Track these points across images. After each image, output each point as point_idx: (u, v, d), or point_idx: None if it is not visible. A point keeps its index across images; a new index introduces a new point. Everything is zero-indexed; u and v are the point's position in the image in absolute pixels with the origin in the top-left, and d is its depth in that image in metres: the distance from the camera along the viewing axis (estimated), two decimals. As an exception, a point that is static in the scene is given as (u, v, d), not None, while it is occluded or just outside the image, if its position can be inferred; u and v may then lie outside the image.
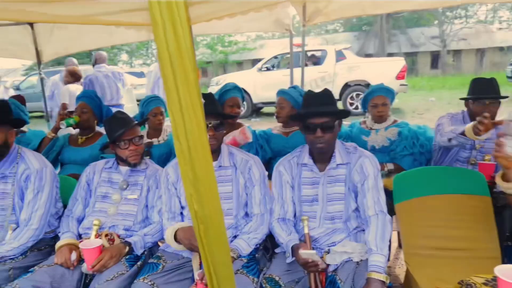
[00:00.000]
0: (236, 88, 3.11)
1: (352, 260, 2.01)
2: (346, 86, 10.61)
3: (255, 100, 11.23)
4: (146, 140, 3.17)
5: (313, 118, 2.04)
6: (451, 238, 2.27)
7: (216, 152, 2.29)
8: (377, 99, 3.19)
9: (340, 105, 11.01)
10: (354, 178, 2.10)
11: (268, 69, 11.40)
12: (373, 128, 3.24)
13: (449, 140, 2.54)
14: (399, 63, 10.58)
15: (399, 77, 10.27)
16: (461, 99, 2.87)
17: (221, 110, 2.42)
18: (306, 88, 10.79)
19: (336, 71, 10.65)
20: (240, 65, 26.45)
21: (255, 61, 19.84)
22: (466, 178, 2.38)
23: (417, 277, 2.10)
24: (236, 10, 1.62)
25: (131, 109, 7.86)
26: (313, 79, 10.76)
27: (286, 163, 2.23)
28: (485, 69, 22.73)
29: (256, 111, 11.73)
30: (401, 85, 10.37)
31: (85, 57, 19.11)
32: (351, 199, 2.11)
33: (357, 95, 10.52)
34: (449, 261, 2.18)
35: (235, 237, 2.22)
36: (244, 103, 11.35)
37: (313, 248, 2.10)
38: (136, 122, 2.49)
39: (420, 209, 2.33)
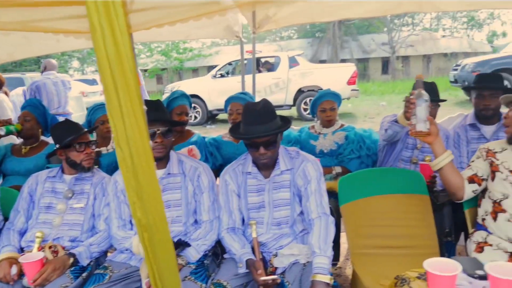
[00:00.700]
0: (184, 95, 3.10)
1: (299, 262, 2.06)
2: (300, 91, 10.81)
3: (210, 107, 11.22)
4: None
5: (255, 138, 2.04)
6: (393, 236, 2.37)
7: (164, 159, 2.27)
8: (325, 103, 3.28)
9: (294, 110, 11.21)
10: (298, 183, 2.15)
11: (222, 75, 11.43)
12: (321, 133, 3.32)
13: (386, 130, 2.67)
14: (350, 69, 10.91)
15: (350, 82, 10.58)
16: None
17: (169, 117, 2.41)
18: (259, 95, 10.90)
19: (289, 77, 10.84)
20: (195, 71, 26.31)
21: (210, 68, 19.80)
22: (406, 178, 2.49)
23: (362, 275, 2.18)
24: (176, 18, 1.63)
25: (80, 117, 7.65)
26: (268, 85, 10.90)
27: (231, 172, 2.25)
28: (432, 74, 23.81)
29: (211, 118, 11.71)
30: (352, 90, 10.69)
31: (33, 64, 18.41)
32: (296, 203, 2.16)
33: (311, 100, 10.71)
34: (392, 258, 2.28)
35: None
36: (199, 110, 11.35)
37: (261, 253, 2.13)
38: (86, 130, 2.45)
39: (364, 210, 2.41)
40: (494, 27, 32.91)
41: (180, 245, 2.15)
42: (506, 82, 10.44)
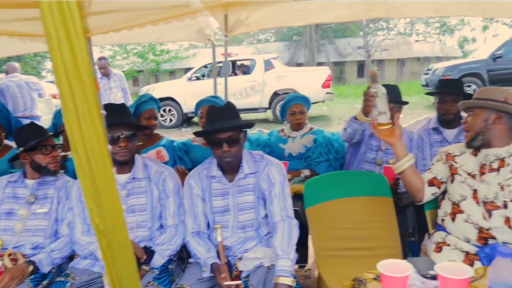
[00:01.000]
0: (152, 99, 3.09)
1: (263, 265, 2.07)
2: (275, 94, 10.87)
3: (185, 109, 11.16)
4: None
5: (218, 133, 2.06)
6: (357, 238, 2.42)
7: (129, 164, 2.26)
8: (294, 107, 3.32)
9: (270, 113, 11.26)
10: (262, 186, 2.16)
11: (198, 78, 11.39)
12: (290, 136, 3.36)
13: (345, 130, 2.73)
14: (325, 72, 11.03)
15: (325, 85, 10.70)
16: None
17: (134, 121, 2.40)
18: (235, 97, 10.88)
19: (265, 80, 10.89)
20: (172, 74, 26.12)
21: (187, 70, 19.69)
22: (370, 181, 2.54)
23: (326, 277, 2.21)
24: (140, 21, 1.62)
25: (49, 121, 7.51)
26: (243, 88, 10.93)
27: (196, 176, 2.25)
28: (405, 77, 24.26)
29: (186, 120, 11.65)
30: (327, 93, 10.82)
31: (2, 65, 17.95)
32: (260, 207, 2.17)
33: (282, 103, 10.82)
34: (356, 260, 2.31)
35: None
36: (174, 112, 11.28)
37: (227, 256, 2.14)
38: (51, 134, 2.41)
39: (329, 212, 2.45)
40: (465, 33, 33.80)
41: (148, 252, 2.14)
42: (474, 86, 10.81)
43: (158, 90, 11.41)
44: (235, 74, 11.60)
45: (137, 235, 2.21)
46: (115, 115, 2.17)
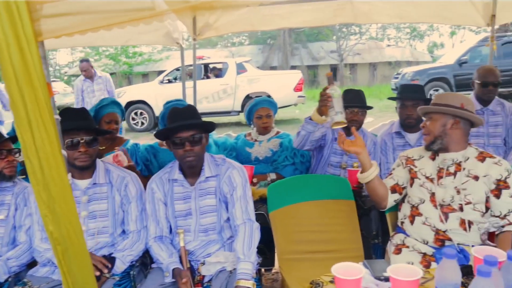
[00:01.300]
0: (113, 103, 3.04)
1: (226, 269, 2.08)
2: (248, 98, 10.87)
3: (157, 112, 11.03)
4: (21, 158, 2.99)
5: (181, 133, 2.06)
6: (320, 241, 2.44)
7: (90, 169, 2.23)
8: (261, 110, 3.33)
9: (242, 116, 11.26)
10: (224, 189, 2.17)
11: (170, 81, 11.30)
12: (257, 140, 3.37)
13: (298, 134, 2.74)
14: (296, 76, 11.12)
15: (297, 89, 10.79)
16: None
17: (95, 126, 2.36)
18: (207, 100, 10.78)
19: (237, 83, 10.89)
20: (145, 76, 25.81)
21: (160, 73, 19.54)
22: (333, 184, 2.57)
23: (289, 280, 2.23)
24: (87, 27, 1.59)
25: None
26: (216, 92, 10.91)
27: (158, 180, 2.24)
28: (377, 81, 24.71)
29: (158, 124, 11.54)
30: (299, 96, 10.91)
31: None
32: (222, 210, 2.18)
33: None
34: (318, 263, 2.33)
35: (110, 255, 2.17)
36: (146, 116, 11.15)
37: (189, 261, 2.13)
38: (6, 137, 2.35)
39: (292, 216, 2.47)
40: (434, 38, 34.73)
41: (110, 260, 2.11)
42: (441, 90, 11.11)
43: (129, 93, 11.27)
44: (208, 77, 11.57)
45: (99, 241, 2.18)
46: (75, 119, 2.14)
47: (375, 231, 2.74)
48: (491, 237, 1.94)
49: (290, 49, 26.59)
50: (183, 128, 2.06)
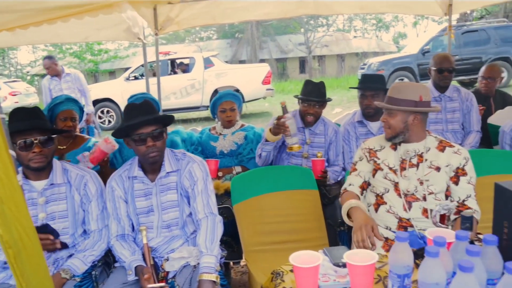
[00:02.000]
0: (68, 100, 2.95)
1: (189, 264, 2.06)
2: (216, 92, 10.82)
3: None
4: None
5: (141, 129, 2.02)
6: (285, 232, 2.46)
7: (46, 169, 2.16)
8: (225, 104, 3.32)
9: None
10: (185, 184, 2.15)
11: (136, 78, 11.11)
12: (221, 133, 3.35)
13: (260, 156, 2.88)
14: (264, 69, 11.13)
15: (265, 82, 10.80)
16: (295, 96, 3.13)
17: (49, 125, 2.28)
18: (175, 96, 10.65)
19: (205, 78, 10.81)
20: (112, 74, 25.31)
21: (128, 70, 19.24)
22: (296, 174, 2.59)
23: (254, 272, 2.23)
24: (28, 21, 1.54)
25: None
26: (183, 87, 10.80)
27: (118, 178, 2.19)
28: (345, 72, 25.04)
29: (127, 121, 11.33)
30: (267, 89, 10.93)
31: None
32: (184, 205, 2.16)
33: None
34: (284, 253, 2.31)
35: (71, 256, 2.12)
36: (113, 114, 10.94)
37: (153, 258, 2.11)
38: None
39: (257, 208, 2.47)
40: (399, 29, 35.43)
41: (48, 231, 2.05)
42: (406, 80, 11.36)
43: (94, 91, 10.97)
44: (175, 73, 11.44)
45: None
46: (27, 119, 2.06)
47: (340, 218, 2.77)
48: (442, 219, 1.99)
49: (259, 42, 26.60)
50: (143, 124, 2.02)
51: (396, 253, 1.25)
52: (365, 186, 2.23)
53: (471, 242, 1.35)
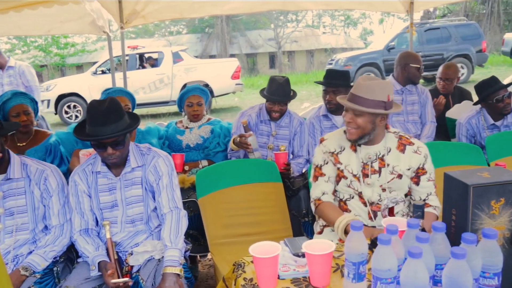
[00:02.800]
0: (16, 94, 2.82)
1: (154, 258, 2.06)
2: (185, 87, 10.73)
3: (91, 105, 10.65)
4: None
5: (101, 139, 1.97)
6: (249, 224, 2.49)
7: (4, 164, 2.11)
8: (192, 98, 3.31)
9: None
10: (150, 179, 2.14)
11: (103, 72, 10.89)
12: (188, 127, 3.35)
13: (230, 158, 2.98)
14: (233, 64, 11.12)
15: (234, 77, 10.80)
16: (260, 93, 3.14)
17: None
18: (144, 91, 10.47)
19: (174, 73, 10.71)
20: (80, 68, 24.67)
21: (95, 64, 18.80)
22: (260, 168, 2.62)
23: (219, 265, 2.25)
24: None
25: None
26: (152, 82, 10.67)
27: (81, 172, 2.16)
28: (314, 67, 25.26)
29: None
30: (236, 84, 10.93)
31: None
32: (149, 199, 2.15)
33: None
34: (248, 245, 2.34)
35: (31, 253, 2.08)
36: (80, 108, 10.70)
37: (117, 253, 2.10)
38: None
39: (221, 201, 2.49)
40: (366, 25, 36.03)
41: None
42: (372, 75, 11.60)
43: (60, 85, 10.75)
44: (143, 67, 11.28)
45: (18, 238, 2.09)
46: None
47: (305, 210, 2.83)
48: (391, 212, 2.04)
49: (229, 37, 26.49)
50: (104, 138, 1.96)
51: (351, 241, 1.29)
52: (335, 192, 2.17)
53: (423, 230, 1.41)
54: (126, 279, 1.92)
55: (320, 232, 2.19)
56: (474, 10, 21.96)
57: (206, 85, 10.75)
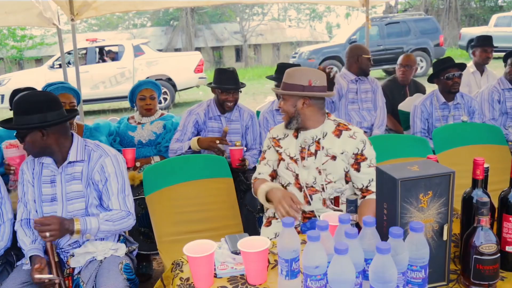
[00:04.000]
0: None
1: (95, 259, 2.00)
2: (145, 81, 10.53)
3: (48, 100, 10.29)
4: None
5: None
6: (199, 220, 2.45)
7: None
8: (144, 91, 3.25)
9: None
10: (95, 177, 2.06)
11: (61, 66, 10.52)
12: (140, 122, 3.28)
13: (175, 153, 2.95)
14: (196, 57, 10.97)
15: (197, 70, 10.66)
16: (208, 85, 3.11)
17: None
18: (104, 85, 10.22)
19: (135, 67, 10.47)
20: (39, 61, 23.79)
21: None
22: (210, 163, 2.58)
23: (167, 263, 2.21)
24: None
25: None
26: (113, 76, 10.40)
27: (29, 162, 2.10)
28: (280, 61, 25.26)
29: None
30: (200, 78, 10.79)
31: None
32: (92, 196, 2.07)
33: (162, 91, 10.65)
34: None
35: None
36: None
37: (58, 254, 2.02)
38: None
39: (170, 198, 2.44)
40: (331, 19, 36.43)
41: None
42: (335, 68, 11.71)
43: (15, 80, 10.33)
44: (103, 61, 10.98)
45: None
46: None
47: (259, 205, 2.82)
48: (336, 202, 2.06)
49: (194, 30, 26.17)
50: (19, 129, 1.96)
51: (282, 238, 1.28)
52: (274, 175, 2.23)
53: (357, 225, 1.42)
54: (51, 276, 1.86)
55: (268, 224, 2.19)
56: (434, 5, 22.55)
57: (169, 79, 10.60)
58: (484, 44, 4.34)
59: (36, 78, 10.30)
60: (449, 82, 3.30)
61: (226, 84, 3.00)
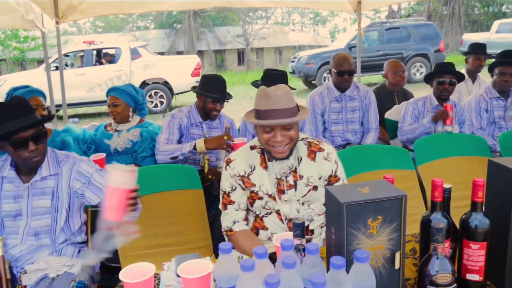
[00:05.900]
0: None
1: (48, 276, 1.91)
2: (144, 84, 10.47)
3: (46, 102, 10.24)
4: None
5: (20, 133, 1.83)
6: (166, 234, 2.36)
7: None
8: (109, 99, 3.17)
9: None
10: (75, 186, 2.00)
11: (57, 68, 10.47)
12: (117, 130, 3.19)
13: (172, 157, 2.79)
14: (193, 61, 10.92)
15: (194, 74, 10.60)
16: (196, 91, 3.00)
17: None
18: (101, 88, 10.15)
19: (132, 69, 10.42)
20: (41, 63, 23.85)
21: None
22: (179, 174, 2.49)
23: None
24: None
25: None
26: (109, 78, 10.36)
27: None
28: (282, 65, 25.24)
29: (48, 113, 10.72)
30: (197, 82, 10.71)
31: None
32: (59, 213, 2.00)
33: (155, 93, 10.58)
34: (164, 257, 2.21)
35: None
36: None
37: (10, 270, 1.95)
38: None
39: (135, 210, 2.34)
40: (335, 23, 36.38)
41: None
42: (324, 74, 11.61)
43: (10, 81, 10.28)
44: (100, 63, 10.94)
45: None
46: None
47: None
48: (306, 230, 1.93)
49: (196, 33, 26.20)
50: (23, 129, 1.83)
51: (220, 265, 1.19)
52: (246, 216, 1.99)
53: (303, 249, 1.32)
54: None
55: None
56: (437, 11, 22.41)
57: (166, 83, 10.54)
58: (477, 51, 4.24)
59: (32, 80, 10.26)
60: (439, 87, 3.23)
61: (217, 94, 2.91)
